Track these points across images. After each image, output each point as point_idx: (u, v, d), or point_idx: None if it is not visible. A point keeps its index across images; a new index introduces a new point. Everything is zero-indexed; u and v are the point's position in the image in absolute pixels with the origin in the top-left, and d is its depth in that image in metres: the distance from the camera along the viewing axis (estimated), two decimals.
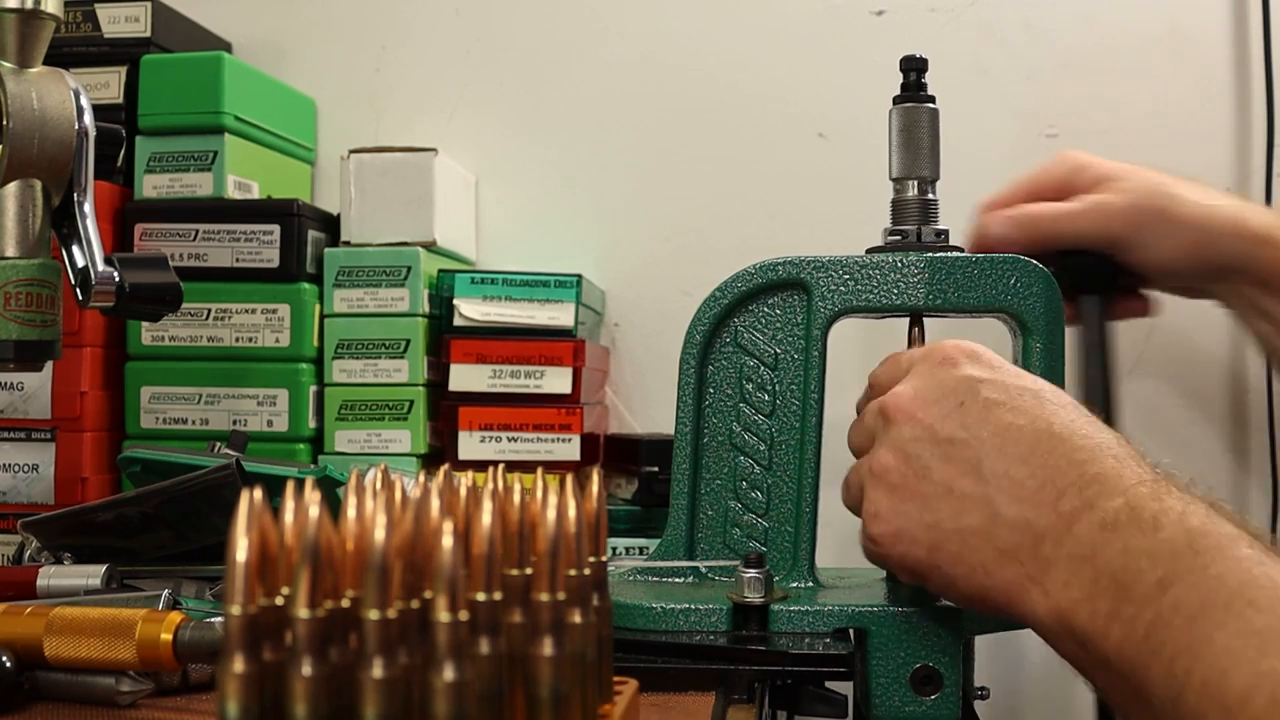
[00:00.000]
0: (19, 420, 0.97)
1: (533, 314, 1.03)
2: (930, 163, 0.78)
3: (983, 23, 1.21)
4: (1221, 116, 1.19)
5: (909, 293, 0.76)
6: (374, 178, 1.06)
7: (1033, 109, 1.20)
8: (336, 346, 1.02)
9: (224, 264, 1.01)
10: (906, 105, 0.78)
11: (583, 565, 0.44)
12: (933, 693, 0.68)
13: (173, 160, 1.04)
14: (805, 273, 0.76)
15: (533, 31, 1.26)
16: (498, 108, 1.26)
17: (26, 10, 0.75)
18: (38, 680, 0.60)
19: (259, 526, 0.36)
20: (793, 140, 1.22)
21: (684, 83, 1.24)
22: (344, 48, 1.27)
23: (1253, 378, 1.17)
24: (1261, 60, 1.18)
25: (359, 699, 0.36)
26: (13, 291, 0.74)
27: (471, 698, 0.37)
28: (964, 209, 0.93)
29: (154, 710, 0.60)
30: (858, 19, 1.22)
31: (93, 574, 0.69)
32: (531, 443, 1.02)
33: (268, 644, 0.36)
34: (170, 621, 0.57)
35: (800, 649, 0.66)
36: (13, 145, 0.73)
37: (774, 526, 0.76)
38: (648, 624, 0.69)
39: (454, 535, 0.37)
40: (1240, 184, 1.18)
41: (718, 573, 0.76)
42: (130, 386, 1.02)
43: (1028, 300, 0.75)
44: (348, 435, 1.02)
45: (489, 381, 1.02)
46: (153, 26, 1.07)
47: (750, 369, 0.77)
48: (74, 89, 0.76)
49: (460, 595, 0.37)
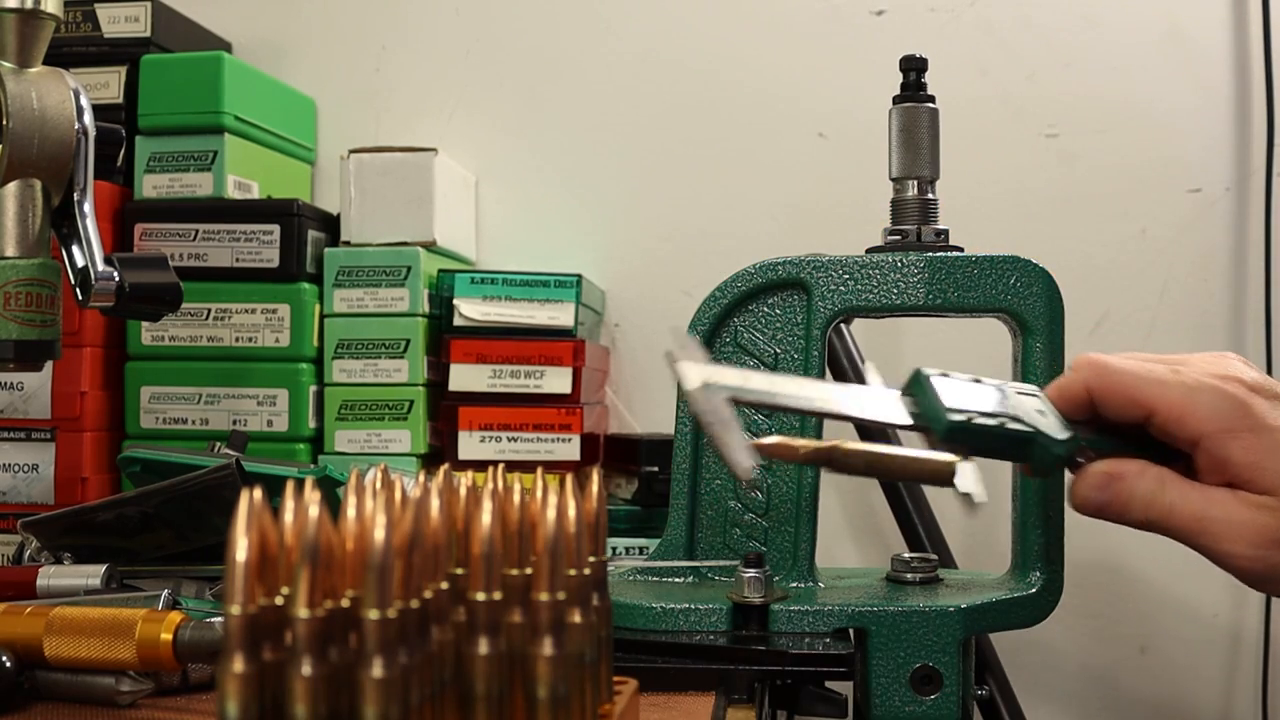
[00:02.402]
0: (19, 420, 0.97)
1: (533, 314, 1.03)
2: (930, 162, 0.78)
3: (983, 23, 1.21)
4: (1221, 116, 1.19)
5: (909, 293, 0.76)
6: (374, 178, 1.06)
7: (1033, 109, 1.20)
8: (336, 346, 1.02)
9: (224, 264, 1.01)
10: (906, 105, 0.78)
11: (583, 565, 0.44)
12: (933, 693, 0.68)
13: (173, 160, 1.04)
14: (805, 273, 0.76)
15: (533, 31, 1.26)
16: (498, 108, 1.26)
17: (26, 10, 0.75)
18: (38, 680, 0.60)
19: (259, 526, 0.36)
20: (793, 140, 1.22)
21: (684, 83, 1.24)
22: (344, 48, 1.27)
23: None
24: (1261, 60, 1.18)
25: (359, 699, 0.36)
26: (13, 291, 0.74)
27: (503, 665, 0.38)
28: (964, 209, 0.93)
29: (154, 710, 0.60)
30: (858, 19, 1.22)
31: (93, 574, 0.69)
32: (531, 443, 1.02)
33: (268, 644, 0.36)
34: (170, 621, 0.57)
35: (800, 649, 0.66)
36: (13, 145, 0.73)
37: (774, 526, 0.76)
38: (648, 624, 0.69)
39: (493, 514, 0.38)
40: (1240, 184, 1.19)
41: (718, 573, 0.76)
42: (130, 386, 1.02)
43: (1028, 300, 0.75)
44: (348, 435, 1.02)
45: (489, 381, 1.02)
46: (153, 26, 1.07)
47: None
48: (74, 89, 0.76)
49: (495, 573, 0.37)
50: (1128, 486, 0.63)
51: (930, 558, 0.78)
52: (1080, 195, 1.20)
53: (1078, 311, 0.92)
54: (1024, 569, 0.75)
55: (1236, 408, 0.61)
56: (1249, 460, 0.60)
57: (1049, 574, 0.74)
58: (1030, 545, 0.75)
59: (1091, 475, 0.63)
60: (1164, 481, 0.62)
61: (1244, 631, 1.18)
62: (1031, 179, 1.20)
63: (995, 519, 1.17)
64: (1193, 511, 0.61)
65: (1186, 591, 1.15)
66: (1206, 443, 0.61)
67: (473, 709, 0.40)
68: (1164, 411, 0.62)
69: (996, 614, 0.72)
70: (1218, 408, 0.61)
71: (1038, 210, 1.20)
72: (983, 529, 1.18)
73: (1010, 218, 1.20)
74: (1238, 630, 1.18)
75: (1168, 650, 1.19)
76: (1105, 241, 1.19)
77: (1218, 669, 1.19)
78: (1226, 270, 1.19)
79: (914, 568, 0.77)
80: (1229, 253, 1.19)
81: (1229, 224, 1.19)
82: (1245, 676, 1.18)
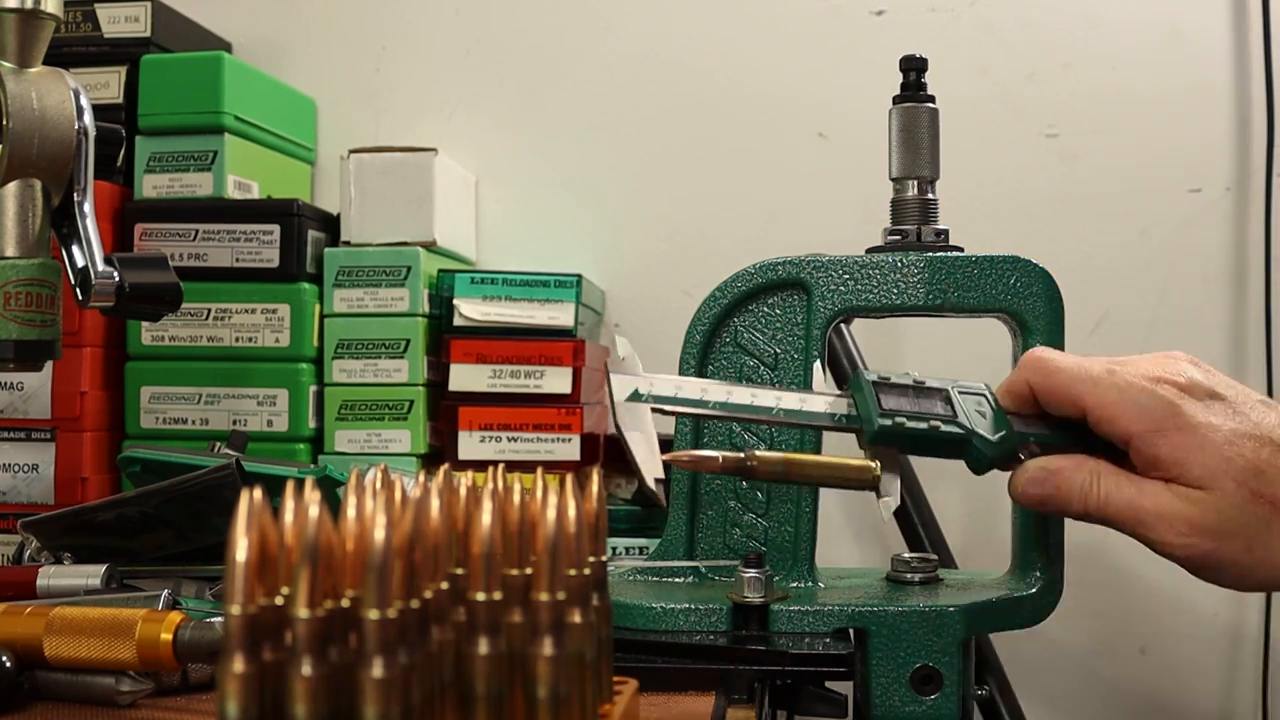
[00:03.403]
0: (19, 420, 0.97)
1: (533, 314, 1.03)
2: (930, 162, 0.78)
3: (983, 23, 1.21)
4: (1221, 116, 1.19)
5: (909, 293, 0.76)
6: (374, 178, 1.06)
7: (1033, 109, 1.20)
8: (336, 346, 1.02)
9: (224, 264, 1.01)
10: (906, 105, 0.78)
11: (583, 565, 0.44)
12: (933, 693, 0.68)
13: (173, 160, 1.04)
14: (805, 273, 0.76)
15: (533, 31, 1.26)
16: (498, 108, 1.26)
17: (26, 10, 0.75)
18: (38, 680, 0.60)
19: (259, 526, 0.36)
20: (793, 140, 1.22)
21: (684, 82, 1.24)
22: (344, 48, 1.27)
23: (1252, 377, 1.17)
24: (1261, 60, 1.18)
25: (359, 699, 0.36)
26: (13, 291, 0.73)
27: (503, 665, 0.39)
28: (964, 209, 0.93)
29: (154, 710, 0.60)
30: (858, 19, 1.22)
31: (93, 574, 0.69)
32: (531, 443, 1.02)
33: (268, 644, 0.36)
34: (170, 621, 0.57)
35: (800, 649, 0.66)
36: (13, 145, 0.73)
37: (774, 526, 0.76)
38: (648, 624, 0.69)
39: (493, 514, 0.38)
40: (1240, 184, 1.19)
41: (718, 573, 0.76)
42: (130, 386, 1.02)
43: (1028, 300, 0.75)
44: (348, 435, 1.02)
45: (489, 381, 1.02)
46: (153, 26, 1.07)
47: (750, 369, 0.77)
48: (74, 89, 0.76)
49: (495, 573, 0.37)
50: (1065, 480, 0.66)
51: (930, 558, 0.78)
52: (1080, 195, 1.20)
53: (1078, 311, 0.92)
54: (1024, 569, 0.75)
55: (1164, 407, 0.64)
56: (1176, 457, 0.63)
57: (1049, 574, 0.74)
58: (1030, 545, 0.75)
59: (1029, 470, 0.67)
60: (1099, 474, 0.65)
61: (1244, 631, 1.18)
62: (1031, 179, 1.20)
63: (995, 519, 1.17)
64: (1126, 502, 0.65)
65: (1186, 591, 1.15)
66: (1136, 441, 0.64)
67: (473, 709, 0.40)
68: (1096, 410, 0.65)
69: (996, 614, 0.72)
70: (1146, 407, 0.64)
71: (1038, 210, 1.20)
72: (983, 529, 1.18)
73: (1010, 218, 1.20)
74: (1238, 630, 1.18)
75: (1168, 650, 1.19)
76: (1105, 241, 1.19)
77: (1218, 668, 1.19)
78: (1226, 270, 1.19)
79: (914, 568, 0.77)
80: (1229, 253, 1.19)
81: (1229, 224, 1.19)
82: (1245, 676, 1.18)
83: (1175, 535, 0.63)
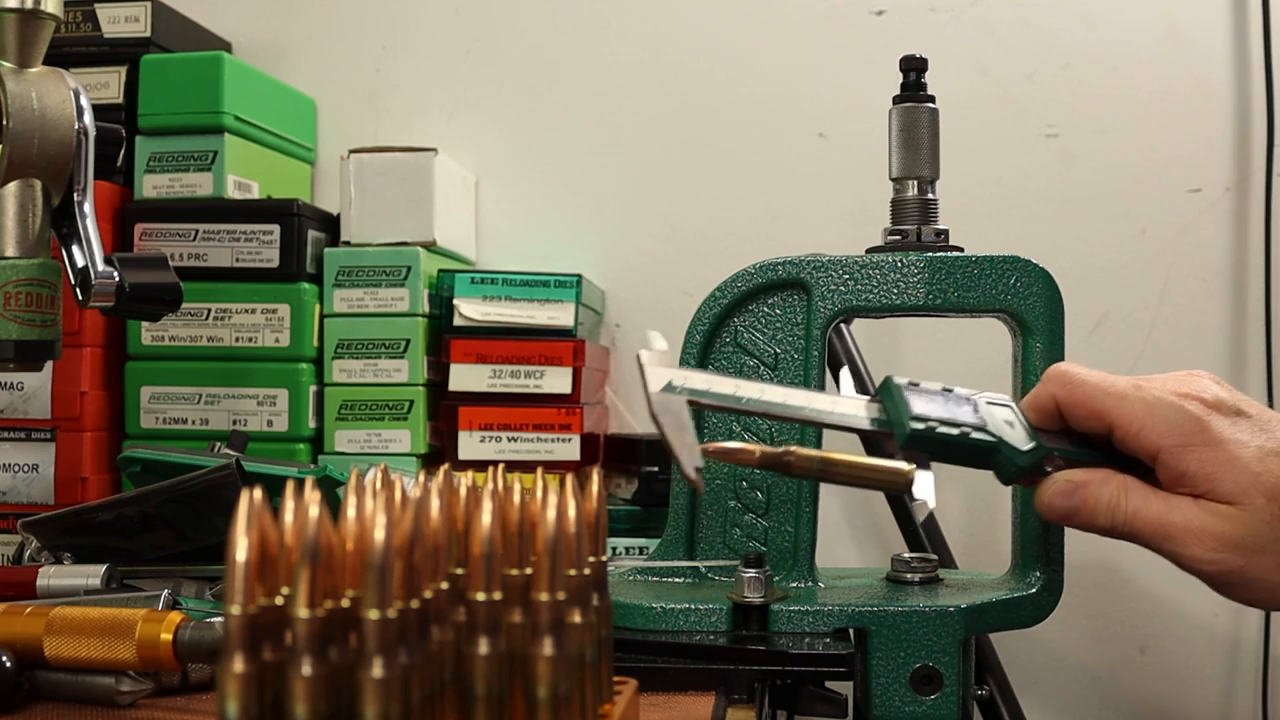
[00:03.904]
0: (19, 420, 0.97)
1: (533, 314, 1.03)
2: (930, 162, 0.78)
3: (983, 23, 1.21)
4: (1221, 116, 1.19)
5: (909, 293, 0.76)
6: (374, 178, 1.06)
7: (1032, 109, 1.20)
8: (336, 346, 1.02)
9: (224, 264, 1.01)
10: (906, 105, 0.78)
11: (583, 565, 0.44)
12: (933, 693, 0.68)
13: (173, 160, 1.04)
14: (805, 273, 0.76)
15: (533, 31, 1.26)
16: (498, 108, 1.26)
17: (26, 10, 0.75)
18: (38, 680, 0.60)
19: (259, 526, 0.36)
20: (793, 140, 1.22)
21: (684, 82, 1.24)
22: (344, 48, 1.27)
23: (1252, 377, 1.17)
24: (1261, 60, 1.18)
25: (359, 699, 0.36)
26: (13, 291, 0.74)
27: (503, 665, 0.39)
28: (964, 209, 0.93)
29: (154, 710, 0.60)
30: (858, 19, 1.22)
31: (93, 574, 0.69)
32: (531, 443, 1.02)
33: (268, 644, 0.36)
34: (170, 621, 0.57)
35: (800, 649, 0.66)
36: (13, 145, 0.73)
37: (774, 526, 0.76)
38: (648, 624, 0.69)
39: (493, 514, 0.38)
40: (1240, 184, 1.19)
41: (718, 573, 0.76)
42: (130, 386, 1.02)
43: (1028, 300, 0.75)
44: (348, 435, 1.02)
45: (489, 381, 1.02)
46: (153, 26, 1.07)
47: (750, 368, 0.77)
48: (74, 89, 0.76)
49: (495, 573, 0.38)
50: (1092, 493, 0.65)
51: (930, 558, 0.78)
52: (1080, 195, 1.20)
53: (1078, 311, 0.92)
54: (1024, 569, 0.75)
55: (1192, 423, 0.64)
56: (1205, 472, 0.63)
57: (1049, 574, 0.74)
58: (1030, 545, 0.75)
59: (1056, 482, 0.66)
60: (1127, 489, 0.65)
61: (1244, 632, 1.18)
62: (1031, 179, 1.20)
63: (995, 519, 1.17)
64: (1155, 517, 0.64)
65: (1186, 592, 1.15)
66: (1164, 456, 0.64)
67: (473, 709, 0.40)
68: (1123, 425, 0.65)
69: (996, 614, 0.72)
70: (1174, 422, 0.64)
71: (1038, 210, 1.20)
72: (983, 529, 1.18)
73: (1010, 218, 1.20)
74: (1237, 631, 1.18)
75: (1168, 651, 1.19)
76: (1105, 241, 1.19)
77: (1217, 669, 1.19)
78: (1226, 270, 1.19)
79: (914, 568, 0.77)
80: (1229, 253, 1.19)
81: (1229, 224, 1.19)
82: (1245, 677, 1.18)
83: (1205, 550, 0.63)
